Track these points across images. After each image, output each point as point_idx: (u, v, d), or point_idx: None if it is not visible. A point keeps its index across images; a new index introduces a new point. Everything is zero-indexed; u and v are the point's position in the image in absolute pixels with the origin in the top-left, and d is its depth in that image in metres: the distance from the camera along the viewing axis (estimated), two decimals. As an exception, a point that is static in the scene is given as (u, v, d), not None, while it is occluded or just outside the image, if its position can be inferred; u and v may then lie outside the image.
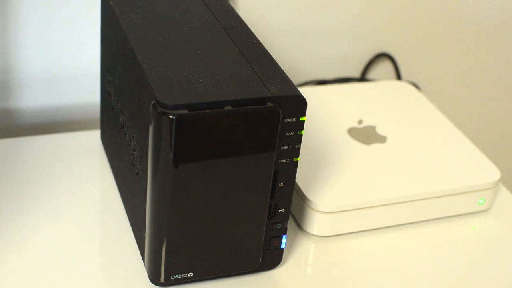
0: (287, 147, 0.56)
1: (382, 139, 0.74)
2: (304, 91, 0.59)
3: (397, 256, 0.66)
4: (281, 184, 0.57)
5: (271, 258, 0.61)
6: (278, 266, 0.62)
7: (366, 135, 0.74)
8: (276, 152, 0.55)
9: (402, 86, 0.85)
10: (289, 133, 0.55)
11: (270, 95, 0.53)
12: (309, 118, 0.61)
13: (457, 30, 0.99)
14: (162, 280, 0.57)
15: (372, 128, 0.76)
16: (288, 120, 0.54)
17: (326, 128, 0.74)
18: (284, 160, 0.56)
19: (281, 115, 0.54)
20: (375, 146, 0.73)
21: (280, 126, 0.54)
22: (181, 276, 0.58)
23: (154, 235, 0.56)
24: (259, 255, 0.59)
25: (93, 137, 0.76)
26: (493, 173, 0.71)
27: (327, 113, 0.77)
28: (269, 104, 0.53)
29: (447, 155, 0.73)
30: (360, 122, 0.76)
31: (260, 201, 0.57)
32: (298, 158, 0.57)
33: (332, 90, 0.83)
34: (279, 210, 0.58)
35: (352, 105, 0.79)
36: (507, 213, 0.73)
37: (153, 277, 0.58)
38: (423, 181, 0.69)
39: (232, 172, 0.54)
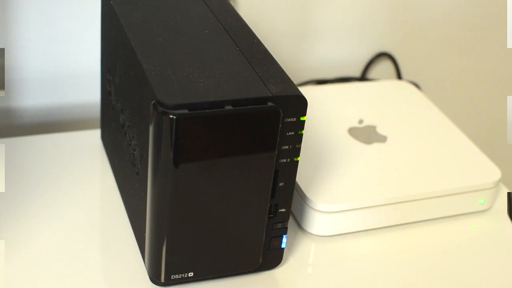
0: (287, 147, 0.56)
1: (382, 139, 0.74)
2: (305, 90, 0.58)
3: (397, 256, 0.66)
4: (281, 184, 0.57)
5: (271, 258, 0.61)
6: (278, 266, 0.62)
7: (367, 134, 0.74)
8: (276, 152, 0.55)
9: (402, 85, 0.85)
10: (290, 133, 0.55)
11: (271, 95, 0.53)
12: (310, 118, 0.61)
13: (457, 30, 0.99)
14: (162, 280, 0.57)
15: (373, 127, 0.76)
16: (289, 119, 0.54)
17: (327, 128, 0.74)
18: (285, 160, 0.56)
19: (282, 114, 0.54)
20: (376, 146, 0.73)
21: (280, 125, 0.54)
22: (181, 276, 0.58)
23: (154, 234, 0.56)
24: (259, 255, 0.59)
25: (93, 137, 0.76)
26: (494, 173, 0.71)
27: (328, 113, 0.77)
28: (269, 103, 0.53)
29: (447, 155, 0.73)
30: (360, 121, 0.76)
31: (261, 201, 0.57)
32: (299, 157, 0.57)
33: (333, 89, 0.83)
34: (280, 210, 0.58)
35: (353, 104, 0.79)
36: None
37: (154, 276, 0.58)
38: (423, 181, 0.69)
39: (232, 171, 0.54)
